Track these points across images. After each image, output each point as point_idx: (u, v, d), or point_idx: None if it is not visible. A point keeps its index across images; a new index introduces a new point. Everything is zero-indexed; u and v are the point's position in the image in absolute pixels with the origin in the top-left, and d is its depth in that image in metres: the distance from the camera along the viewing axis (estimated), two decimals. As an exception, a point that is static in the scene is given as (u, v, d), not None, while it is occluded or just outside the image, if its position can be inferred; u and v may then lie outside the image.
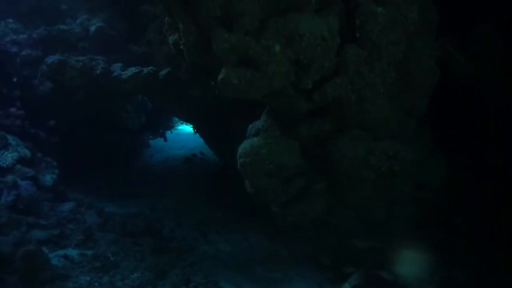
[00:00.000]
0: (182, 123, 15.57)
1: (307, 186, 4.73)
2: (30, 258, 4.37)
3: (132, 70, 6.37)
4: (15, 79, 7.24)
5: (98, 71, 6.33)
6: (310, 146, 4.58)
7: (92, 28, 7.23)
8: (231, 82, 3.60)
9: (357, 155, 4.20)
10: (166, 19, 4.57)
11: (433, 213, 4.83)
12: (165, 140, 13.44)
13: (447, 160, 4.91)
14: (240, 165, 4.57)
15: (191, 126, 10.92)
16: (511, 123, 4.67)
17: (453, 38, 4.76)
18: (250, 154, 4.46)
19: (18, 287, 4.29)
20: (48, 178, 7.33)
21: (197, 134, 9.90)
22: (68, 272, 4.74)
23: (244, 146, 4.58)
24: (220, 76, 3.67)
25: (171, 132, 14.62)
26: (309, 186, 4.72)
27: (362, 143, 4.23)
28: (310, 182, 4.72)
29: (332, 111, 4.27)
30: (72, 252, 5.25)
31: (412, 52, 4.34)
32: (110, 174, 9.75)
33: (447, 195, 4.94)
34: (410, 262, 4.46)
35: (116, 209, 7.91)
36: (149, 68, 6.44)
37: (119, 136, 9.86)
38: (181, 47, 4.10)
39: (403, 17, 3.66)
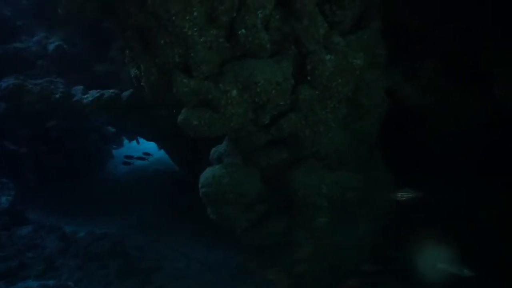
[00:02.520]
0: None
1: (267, 211, 4.99)
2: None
3: (94, 94, 6.29)
4: (-33, 99, 6.91)
5: (57, 95, 6.19)
6: (270, 174, 4.83)
7: (51, 47, 7.03)
8: (191, 123, 3.76)
9: (311, 184, 4.50)
10: (127, 52, 4.62)
11: (385, 233, 5.26)
12: (138, 142, 13.29)
13: (398, 181, 5.34)
14: (202, 194, 4.73)
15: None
16: (449, 147, 5.18)
17: (402, 69, 5.17)
18: (212, 184, 4.64)
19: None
20: (4, 200, 7.11)
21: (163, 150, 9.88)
22: (29, 306, 4.68)
23: (206, 176, 4.75)
24: (180, 117, 3.82)
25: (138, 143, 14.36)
26: (270, 212, 4.98)
27: (316, 173, 4.54)
28: (270, 208, 4.98)
29: (289, 143, 4.55)
30: (33, 284, 5.16)
31: (362, 84, 4.71)
32: (72, 188, 9.50)
33: (398, 215, 5.38)
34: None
35: (80, 228, 7.74)
36: (111, 91, 6.39)
37: (81, 148, 9.59)
38: (142, 84, 4.18)
39: (350, 63, 3.98)
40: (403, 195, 4.32)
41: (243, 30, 3.45)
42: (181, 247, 7.29)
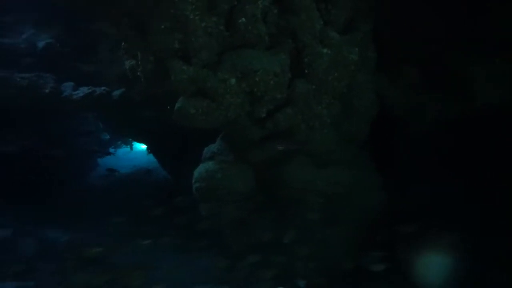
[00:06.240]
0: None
1: (258, 209, 4.93)
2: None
3: (84, 90, 6.18)
4: None
5: (47, 90, 6.04)
6: (262, 171, 4.80)
7: (41, 44, 6.90)
8: (188, 112, 3.73)
9: (305, 180, 4.49)
10: (123, 44, 4.59)
11: (371, 231, 5.27)
12: (131, 148, 13.24)
13: (385, 179, 5.42)
14: (196, 189, 4.66)
15: (145, 146, 10.76)
16: (430, 149, 5.36)
17: (386, 73, 5.35)
18: (205, 179, 4.58)
19: None
20: (-19, 203, 6.75)
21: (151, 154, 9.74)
22: (5, 307, 4.39)
23: (200, 171, 4.69)
24: (177, 105, 3.78)
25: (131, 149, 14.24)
26: (261, 210, 4.92)
27: (308, 169, 4.54)
28: (262, 206, 4.92)
29: (283, 138, 4.55)
30: (11, 285, 4.87)
31: (354, 85, 4.82)
32: (54, 197, 9.17)
33: (385, 213, 5.42)
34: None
35: (59, 234, 7.46)
36: (102, 88, 6.30)
37: (63, 156, 9.30)
38: (138, 73, 4.15)
39: (345, 58, 4.09)
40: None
41: (243, 19, 3.51)
42: (162, 253, 7.05)
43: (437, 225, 5.15)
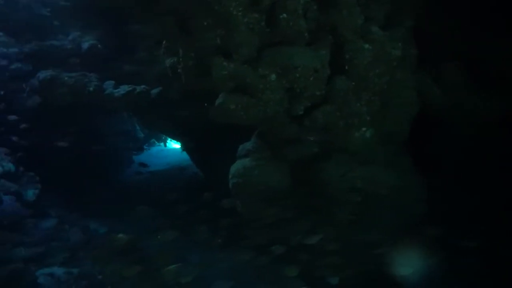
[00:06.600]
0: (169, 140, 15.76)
1: (294, 207, 4.90)
2: (16, 277, 4.29)
3: (125, 88, 6.48)
4: (1, 92, 7.19)
5: (91, 88, 6.40)
6: (298, 168, 4.78)
7: (85, 45, 7.32)
8: (228, 107, 3.79)
9: (343, 178, 4.42)
10: (164, 42, 4.75)
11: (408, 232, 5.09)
12: (165, 145, 13.78)
13: (425, 180, 5.23)
14: (232, 185, 4.70)
15: (179, 144, 11.07)
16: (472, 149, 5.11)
17: (428, 71, 5.16)
18: (242, 175, 4.62)
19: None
20: (31, 194, 7.21)
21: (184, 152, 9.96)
22: (54, 291, 4.68)
23: (237, 167, 4.73)
24: (218, 101, 3.85)
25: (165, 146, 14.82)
26: (297, 207, 4.89)
27: (346, 167, 4.46)
28: (298, 203, 4.89)
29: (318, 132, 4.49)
30: (58, 271, 5.18)
31: (394, 83, 4.69)
32: (93, 190, 9.61)
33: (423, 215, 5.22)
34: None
35: (100, 226, 7.82)
36: (142, 86, 6.56)
37: (102, 152, 9.77)
38: (179, 70, 4.27)
39: (387, 53, 3.99)
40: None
41: (285, 15, 3.52)
42: (194, 250, 7.17)
43: (475, 229, 4.92)
